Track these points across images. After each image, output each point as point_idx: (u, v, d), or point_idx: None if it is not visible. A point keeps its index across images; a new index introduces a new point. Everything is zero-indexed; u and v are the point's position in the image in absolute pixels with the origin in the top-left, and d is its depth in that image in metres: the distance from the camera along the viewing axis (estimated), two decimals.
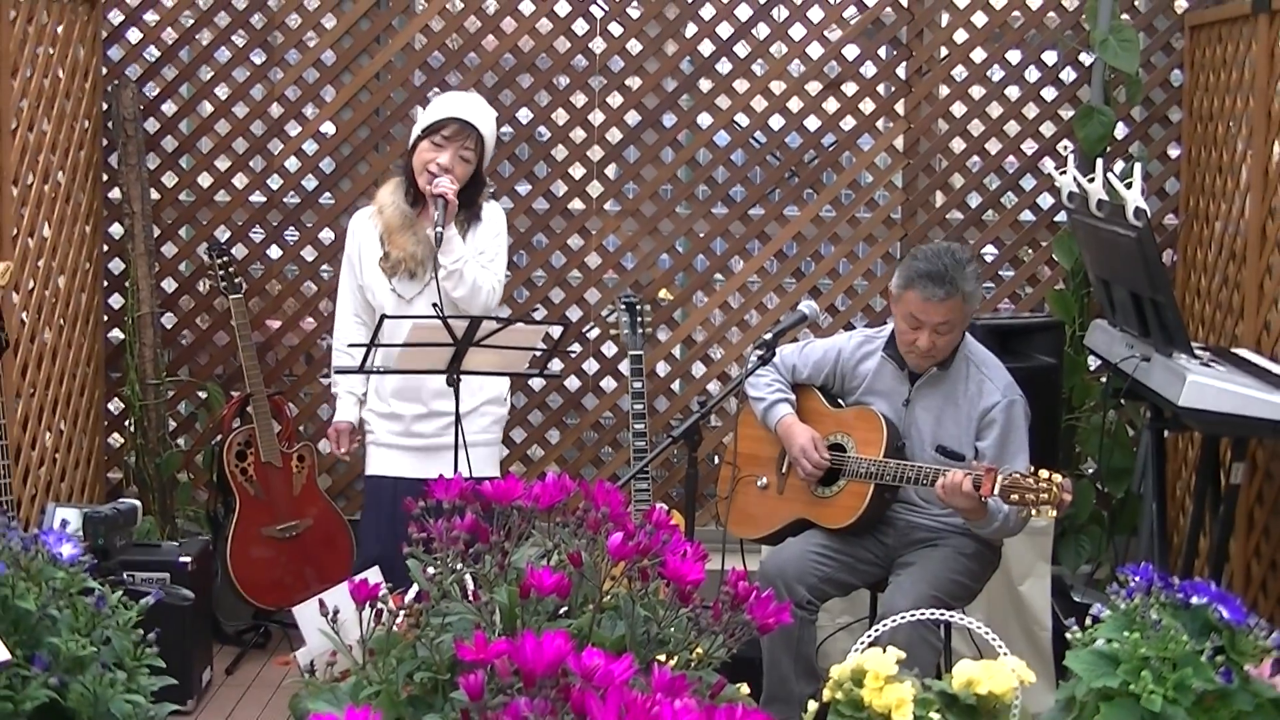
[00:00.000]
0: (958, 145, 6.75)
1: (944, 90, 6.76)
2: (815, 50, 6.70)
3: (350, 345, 5.21)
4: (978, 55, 6.69)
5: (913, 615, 3.27)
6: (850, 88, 6.72)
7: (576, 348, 6.74)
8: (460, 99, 5.45)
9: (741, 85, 6.72)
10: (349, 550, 6.24)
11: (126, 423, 6.71)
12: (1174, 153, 6.64)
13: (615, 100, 6.74)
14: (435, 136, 5.22)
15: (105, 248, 6.66)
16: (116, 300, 6.70)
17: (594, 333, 6.78)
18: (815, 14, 6.67)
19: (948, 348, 4.90)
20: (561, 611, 2.24)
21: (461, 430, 4.91)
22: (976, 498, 4.57)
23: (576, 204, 6.79)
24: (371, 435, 5.44)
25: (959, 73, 6.73)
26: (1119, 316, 5.50)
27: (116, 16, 6.69)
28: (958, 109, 6.74)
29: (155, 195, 6.71)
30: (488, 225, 5.36)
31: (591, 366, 6.82)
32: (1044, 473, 4.48)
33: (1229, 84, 5.96)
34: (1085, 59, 6.59)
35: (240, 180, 6.77)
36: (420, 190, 5.24)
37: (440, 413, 5.23)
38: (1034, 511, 4.50)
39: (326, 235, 6.76)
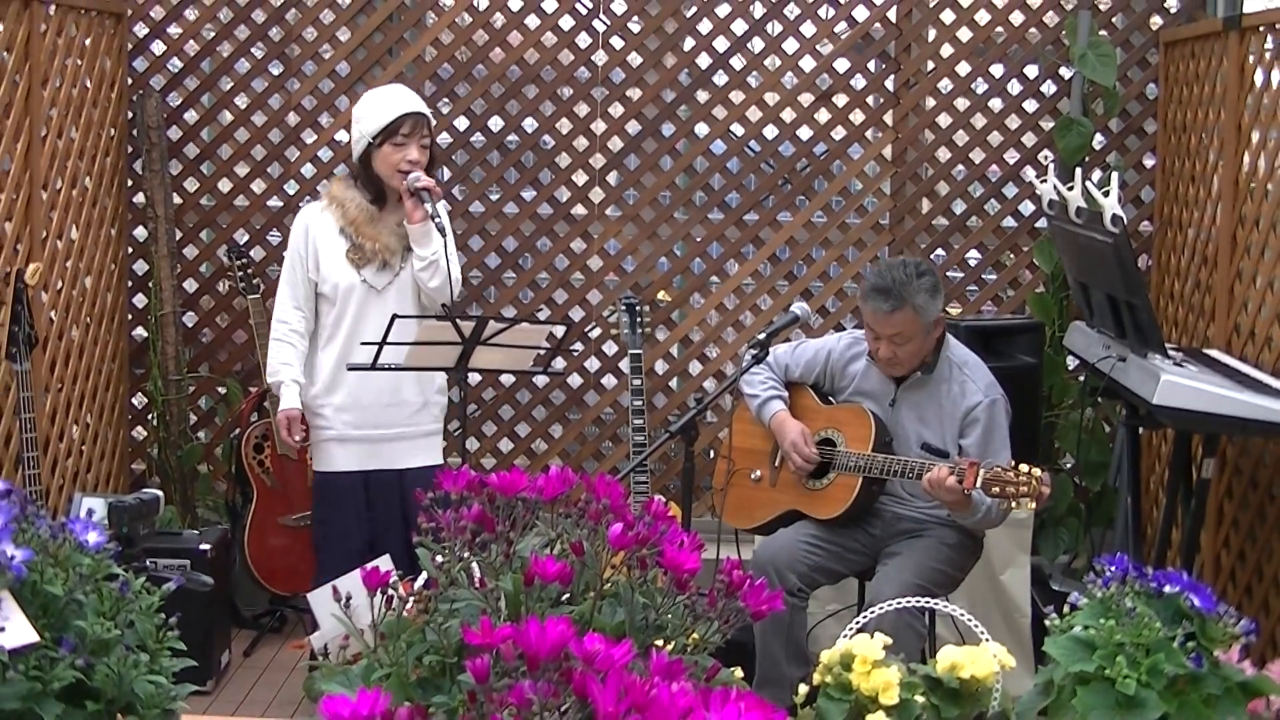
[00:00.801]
0: (943, 154, 6.75)
1: (930, 102, 6.76)
2: (807, 63, 6.71)
3: (363, 343, 5.10)
4: (962, 69, 6.70)
5: (899, 603, 3.27)
6: (841, 99, 6.73)
7: (579, 347, 6.74)
8: (398, 95, 5.24)
9: (737, 96, 6.72)
10: None
11: (149, 417, 6.72)
12: (1149, 162, 6.65)
13: (616, 110, 6.74)
14: (395, 137, 5.07)
15: (130, 250, 6.67)
16: (140, 300, 6.71)
17: (595, 332, 6.78)
18: (808, 29, 6.68)
19: (910, 357, 4.88)
20: (564, 598, 2.24)
21: (464, 419, 4.92)
22: (960, 490, 4.57)
23: (579, 209, 6.79)
24: (330, 431, 5.24)
25: (944, 85, 6.73)
26: (1096, 318, 5.50)
27: (141, 29, 6.70)
28: (943, 120, 6.74)
29: (177, 200, 6.71)
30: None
31: (593, 365, 6.82)
32: (1024, 467, 4.48)
33: (1201, 97, 5.96)
34: (1065, 73, 6.60)
35: (258, 186, 6.77)
36: (383, 189, 5.14)
37: (405, 402, 5.18)
38: (1014, 504, 4.50)
39: None
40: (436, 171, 5.43)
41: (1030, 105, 6.71)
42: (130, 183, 6.64)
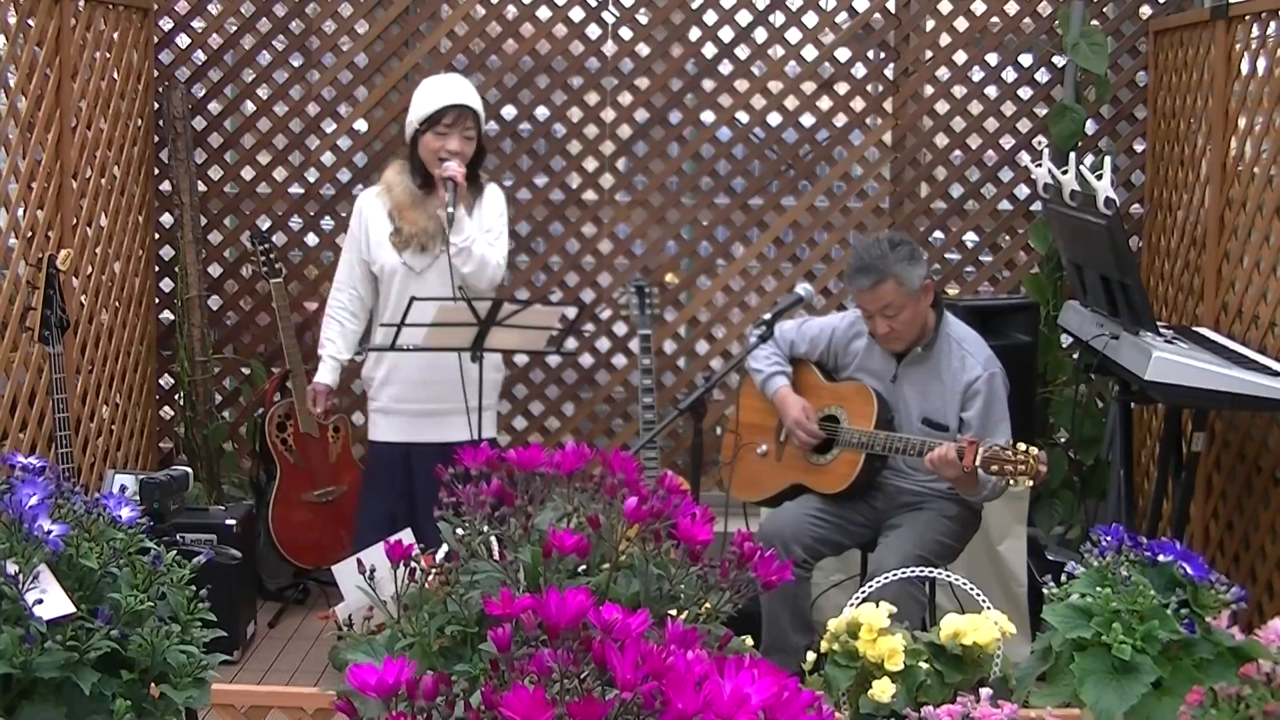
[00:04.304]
0: (941, 140, 6.74)
1: (928, 90, 6.74)
2: (810, 52, 6.69)
3: (382, 325, 5.16)
4: (959, 57, 6.68)
5: (901, 573, 3.28)
6: (842, 87, 6.71)
7: (590, 327, 6.73)
8: (448, 85, 5.27)
9: (742, 85, 6.71)
10: None
11: (176, 397, 6.72)
12: (1140, 147, 6.63)
13: (625, 99, 6.73)
14: (438, 127, 5.11)
15: (157, 236, 6.67)
16: (167, 284, 6.71)
17: (606, 314, 6.78)
18: (810, 19, 6.66)
19: (907, 328, 4.87)
20: (581, 570, 2.24)
21: (480, 398, 4.91)
22: (961, 466, 4.56)
23: (590, 195, 6.78)
24: (374, 404, 5.35)
25: (942, 73, 6.71)
26: (1090, 298, 5.49)
27: (167, 23, 6.70)
28: (941, 107, 6.72)
29: (202, 187, 6.72)
30: (491, 205, 5.27)
31: (604, 345, 6.81)
32: (1022, 446, 4.47)
33: (1190, 84, 5.94)
34: (1058, 61, 6.57)
35: (280, 173, 6.77)
36: (429, 174, 5.15)
37: (443, 380, 5.12)
38: (1012, 481, 4.50)
39: None
40: (482, 165, 5.39)
41: (1025, 92, 6.69)
42: (157, 171, 6.63)
